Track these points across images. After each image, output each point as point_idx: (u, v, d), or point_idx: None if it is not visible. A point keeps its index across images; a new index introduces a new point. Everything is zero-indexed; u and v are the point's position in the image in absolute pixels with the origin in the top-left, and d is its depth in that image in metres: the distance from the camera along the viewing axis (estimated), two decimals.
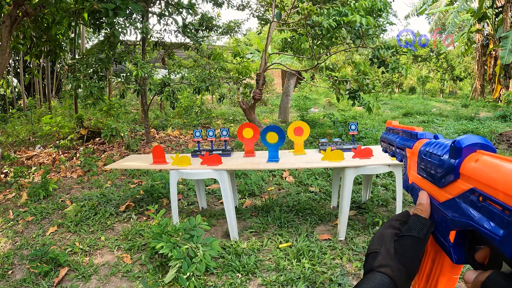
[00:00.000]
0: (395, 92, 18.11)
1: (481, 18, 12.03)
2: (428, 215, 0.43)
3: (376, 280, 0.40)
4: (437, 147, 0.42)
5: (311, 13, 4.86)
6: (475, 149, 0.35)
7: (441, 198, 0.39)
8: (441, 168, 0.39)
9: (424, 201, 0.44)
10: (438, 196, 0.40)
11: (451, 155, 0.37)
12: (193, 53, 8.57)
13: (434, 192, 0.42)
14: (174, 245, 2.13)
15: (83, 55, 5.63)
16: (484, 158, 0.33)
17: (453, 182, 0.36)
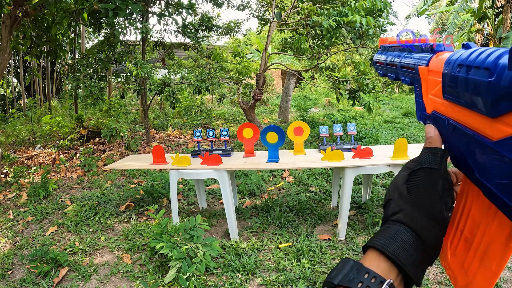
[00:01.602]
0: (395, 92, 18.11)
1: (481, 18, 12.04)
2: (439, 145, 0.37)
3: (390, 231, 0.33)
4: (479, 56, 0.30)
5: (311, 13, 4.86)
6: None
7: (496, 133, 0.27)
8: (494, 88, 0.26)
9: (432, 134, 0.38)
10: (488, 131, 0.28)
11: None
12: (193, 53, 8.57)
13: (480, 124, 0.29)
14: (174, 245, 2.13)
15: (83, 55, 5.63)
16: None
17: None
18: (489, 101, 0.27)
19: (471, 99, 0.30)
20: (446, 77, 0.34)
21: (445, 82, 0.35)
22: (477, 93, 0.28)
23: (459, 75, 0.32)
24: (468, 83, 0.30)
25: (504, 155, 0.26)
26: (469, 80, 0.30)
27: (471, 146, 0.31)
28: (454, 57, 0.34)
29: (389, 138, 6.15)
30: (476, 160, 0.30)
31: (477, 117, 0.29)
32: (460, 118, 0.33)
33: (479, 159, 0.29)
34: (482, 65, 0.28)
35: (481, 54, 0.29)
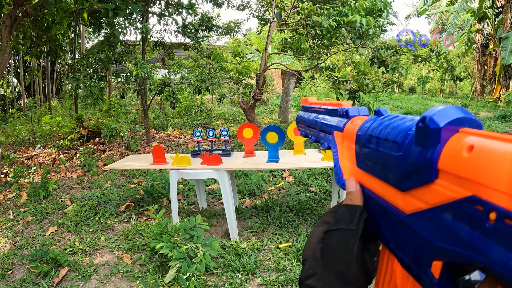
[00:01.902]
0: (395, 92, 18.11)
1: (481, 18, 12.04)
2: (360, 203, 0.34)
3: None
4: (388, 128, 0.28)
5: (311, 13, 4.86)
6: (457, 128, 0.22)
7: (407, 206, 0.26)
8: (402, 164, 0.25)
9: (352, 188, 0.35)
10: (399, 203, 0.27)
11: (420, 141, 0.24)
12: (193, 53, 8.57)
13: (392, 196, 0.28)
14: (174, 245, 2.13)
15: (83, 55, 5.63)
16: (484, 142, 0.20)
17: (428, 185, 0.23)
18: (398, 175, 0.26)
19: (382, 171, 0.29)
20: (358, 147, 0.34)
21: (357, 151, 0.34)
22: (386, 166, 0.28)
23: (369, 146, 0.31)
24: (378, 155, 0.29)
25: (415, 229, 0.25)
26: (378, 153, 0.29)
27: (385, 217, 0.30)
28: (365, 125, 0.33)
29: None
30: (390, 231, 0.29)
31: (389, 189, 0.28)
32: (373, 188, 0.32)
33: (393, 231, 0.28)
34: (391, 138, 0.27)
35: (391, 125, 0.28)
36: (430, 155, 0.23)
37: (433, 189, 0.22)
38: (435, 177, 0.22)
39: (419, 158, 0.23)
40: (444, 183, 0.22)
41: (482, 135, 0.20)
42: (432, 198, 0.23)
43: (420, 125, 0.23)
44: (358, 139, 0.34)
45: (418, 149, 0.24)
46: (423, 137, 0.23)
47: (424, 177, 0.23)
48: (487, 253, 0.18)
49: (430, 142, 0.23)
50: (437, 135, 0.22)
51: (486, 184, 0.18)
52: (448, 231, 0.21)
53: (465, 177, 0.20)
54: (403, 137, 0.26)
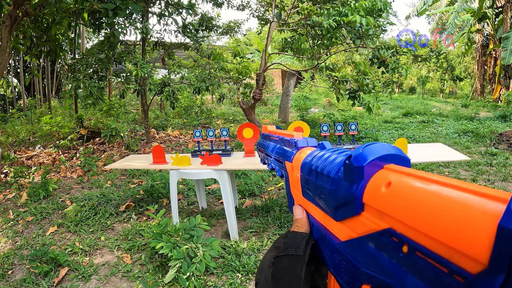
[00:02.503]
0: (395, 92, 18.11)
1: (481, 18, 12.04)
2: (307, 230, 0.36)
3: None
4: (325, 162, 0.31)
5: (311, 13, 4.86)
6: (382, 164, 0.24)
7: (341, 234, 0.28)
8: (334, 196, 0.28)
9: (299, 216, 0.38)
10: (336, 231, 0.29)
11: (347, 177, 0.26)
12: (193, 53, 8.57)
13: (329, 225, 0.30)
14: (174, 245, 2.13)
15: (83, 55, 5.63)
16: (401, 179, 0.21)
17: (356, 216, 0.25)
18: (331, 207, 0.28)
19: (320, 201, 0.31)
20: (302, 178, 0.36)
21: (302, 182, 0.37)
22: (323, 198, 0.30)
23: (309, 178, 0.33)
24: (316, 187, 0.32)
25: (347, 255, 0.27)
26: (317, 185, 0.31)
27: (325, 244, 0.32)
28: (308, 158, 0.36)
29: (389, 138, 6.16)
30: (329, 256, 0.31)
31: (327, 218, 0.30)
32: (315, 216, 0.34)
33: (331, 256, 0.30)
34: (326, 172, 0.29)
35: (327, 160, 0.31)
36: (354, 190, 0.25)
37: (360, 221, 0.24)
38: (360, 210, 0.24)
39: (346, 193, 0.26)
40: (368, 215, 0.24)
41: (401, 172, 0.22)
42: (359, 228, 0.25)
43: (346, 163, 0.26)
44: (302, 170, 0.36)
45: (346, 184, 0.26)
46: (349, 174, 0.25)
47: (351, 210, 0.25)
48: (402, 281, 0.19)
49: (355, 179, 0.25)
50: (360, 172, 0.24)
51: (399, 219, 0.20)
52: (372, 259, 0.23)
53: (383, 211, 0.21)
54: (335, 171, 0.28)
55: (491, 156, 4.75)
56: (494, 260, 0.14)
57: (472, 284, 0.15)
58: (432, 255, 0.17)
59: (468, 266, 0.15)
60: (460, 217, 0.16)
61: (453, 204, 0.17)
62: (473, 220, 0.15)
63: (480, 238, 0.15)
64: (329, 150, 0.34)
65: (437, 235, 0.17)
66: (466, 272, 0.15)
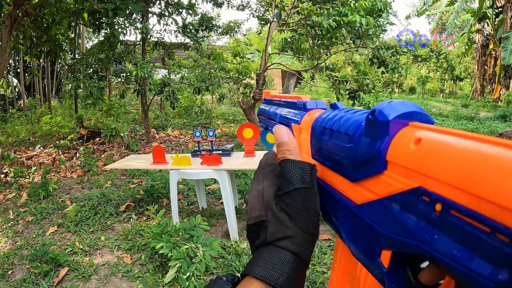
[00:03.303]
0: (395, 92, 18.11)
1: (481, 18, 12.04)
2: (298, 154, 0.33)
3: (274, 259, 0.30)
4: (341, 120, 0.29)
5: (311, 13, 4.86)
6: (407, 122, 0.23)
7: (358, 197, 0.26)
8: (353, 154, 0.26)
9: (286, 138, 0.33)
10: (351, 194, 0.27)
11: (369, 133, 0.24)
12: (193, 53, 8.57)
13: (343, 187, 0.29)
14: (174, 245, 2.13)
15: (83, 55, 5.63)
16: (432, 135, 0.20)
17: (377, 176, 0.23)
18: (349, 166, 0.27)
19: (334, 162, 0.29)
20: (313, 139, 0.34)
21: (312, 143, 0.35)
22: (339, 158, 0.28)
23: (323, 138, 0.32)
24: (330, 147, 0.30)
25: (365, 219, 0.25)
26: (331, 144, 0.30)
27: (337, 208, 0.30)
28: (320, 118, 0.34)
29: None
30: (342, 221, 0.29)
31: (341, 180, 0.29)
32: (327, 178, 0.32)
33: (344, 221, 0.29)
34: (343, 130, 0.28)
35: (343, 118, 0.29)
36: (378, 147, 0.23)
37: (382, 180, 0.23)
38: (383, 168, 0.23)
39: (368, 150, 0.24)
40: (392, 174, 0.22)
41: (430, 129, 0.21)
42: (381, 189, 0.23)
43: (370, 118, 0.24)
44: (313, 131, 0.34)
45: (367, 141, 0.24)
46: (373, 130, 0.23)
47: (372, 168, 0.24)
48: (433, 243, 0.18)
49: (379, 134, 0.23)
50: (385, 128, 0.23)
51: (432, 176, 0.18)
52: (396, 221, 0.21)
53: (412, 169, 0.20)
54: (354, 129, 0.26)
55: None
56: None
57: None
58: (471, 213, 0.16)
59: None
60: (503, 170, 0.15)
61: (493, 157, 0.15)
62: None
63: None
64: (343, 110, 0.32)
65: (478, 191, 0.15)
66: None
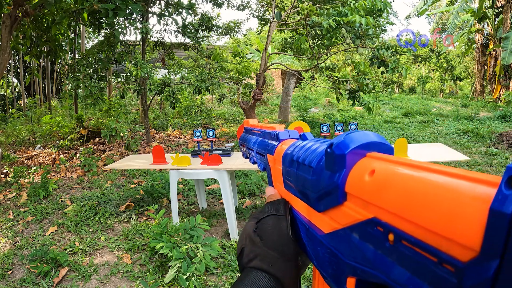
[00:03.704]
0: (395, 92, 18.11)
1: (481, 18, 12.04)
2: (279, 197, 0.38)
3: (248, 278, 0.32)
4: (306, 152, 0.30)
5: (311, 13, 4.86)
6: (364, 152, 0.23)
7: (324, 226, 0.27)
8: (315, 186, 0.27)
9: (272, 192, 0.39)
10: (319, 223, 0.28)
11: (329, 166, 0.25)
12: (193, 53, 8.57)
13: (312, 217, 0.29)
14: (174, 245, 2.13)
15: (83, 55, 5.63)
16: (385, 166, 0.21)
17: (338, 207, 0.24)
18: (314, 197, 0.27)
19: (302, 193, 0.30)
20: (283, 170, 0.36)
21: (283, 174, 0.36)
22: (305, 189, 0.29)
23: (291, 170, 0.33)
24: (298, 178, 0.31)
25: (330, 248, 0.26)
26: (298, 176, 0.30)
27: (308, 236, 0.31)
28: (290, 149, 0.35)
29: (389, 138, 6.16)
30: (312, 249, 0.30)
31: (310, 210, 0.29)
32: (298, 209, 0.33)
33: (315, 249, 0.29)
34: (307, 162, 0.29)
35: (309, 149, 0.30)
36: (337, 179, 0.24)
37: (343, 211, 0.24)
38: (343, 200, 0.24)
39: (328, 182, 0.25)
40: (351, 205, 0.23)
41: (385, 160, 0.21)
42: (343, 219, 0.24)
43: (328, 151, 0.25)
44: (283, 162, 0.35)
45: (327, 174, 0.25)
46: (331, 162, 0.24)
47: (333, 200, 0.24)
48: (389, 272, 0.18)
49: (336, 167, 0.24)
50: (342, 161, 0.23)
51: (384, 207, 0.19)
52: (357, 250, 0.22)
53: (367, 200, 0.21)
54: (316, 161, 0.27)
55: (491, 156, 4.75)
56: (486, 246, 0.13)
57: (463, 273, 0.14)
58: (420, 243, 0.16)
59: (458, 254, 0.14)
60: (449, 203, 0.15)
61: (441, 190, 0.16)
62: (462, 205, 0.15)
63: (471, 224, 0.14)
64: (311, 140, 0.33)
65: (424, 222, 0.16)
66: (456, 260, 0.14)
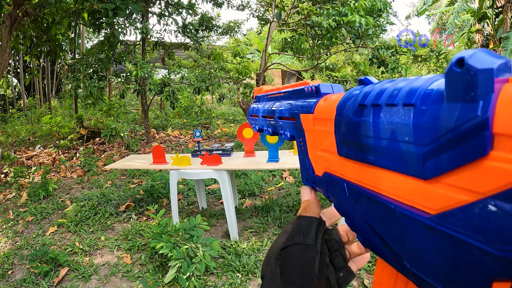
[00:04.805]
0: None
1: (481, 18, 12.04)
2: (316, 213, 0.31)
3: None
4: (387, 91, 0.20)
5: (311, 13, 4.86)
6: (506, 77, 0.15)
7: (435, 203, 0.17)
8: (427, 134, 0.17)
9: (307, 197, 0.32)
10: (421, 199, 0.18)
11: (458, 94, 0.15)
12: (193, 53, 8.57)
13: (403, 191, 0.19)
14: (174, 245, 2.13)
15: (83, 55, 5.63)
16: None
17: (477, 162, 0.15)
18: (420, 155, 0.18)
19: (387, 153, 0.20)
20: (342, 125, 0.25)
21: (341, 132, 0.25)
22: (397, 144, 0.19)
23: (362, 120, 0.22)
24: (379, 129, 0.21)
25: (455, 235, 0.16)
26: (380, 126, 0.20)
27: (392, 224, 0.21)
28: (351, 94, 0.25)
29: None
30: (402, 243, 0.20)
31: (399, 179, 0.19)
32: (368, 182, 0.23)
33: (409, 241, 0.19)
34: (398, 101, 0.19)
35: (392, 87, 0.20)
36: (481, 112, 0.14)
37: (486, 168, 0.14)
38: (489, 148, 0.14)
39: (460, 120, 0.15)
40: (507, 155, 0.14)
41: None
42: (485, 182, 0.14)
43: (456, 71, 0.15)
44: (341, 114, 0.25)
45: (456, 107, 0.15)
46: (466, 87, 0.15)
47: (471, 150, 0.15)
48: None
49: (479, 92, 0.15)
50: (489, 80, 0.14)
51: None
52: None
53: None
54: (423, 95, 0.18)
55: None
56: None
57: None
58: None
59: None
60: None
61: None
62: None
63: None
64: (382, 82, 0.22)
65: None
66: None
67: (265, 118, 0.42)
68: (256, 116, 0.45)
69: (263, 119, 0.43)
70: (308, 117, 0.31)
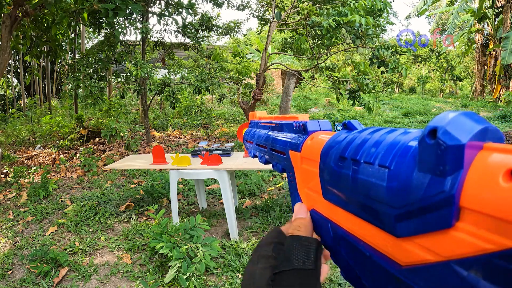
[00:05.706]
0: (395, 92, 18.11)
1: (481, 18, 12.04)
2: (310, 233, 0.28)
3: None
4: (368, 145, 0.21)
5: (311, 13, 4.86)
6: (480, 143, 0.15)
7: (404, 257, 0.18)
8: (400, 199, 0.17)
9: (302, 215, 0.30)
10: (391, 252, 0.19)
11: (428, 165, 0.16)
12: (193, 53, 8.57)
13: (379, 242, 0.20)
14: (174, 245, 2.13)
15: (83, 55, 5.63)
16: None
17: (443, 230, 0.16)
18: (392, 216, 0.18)
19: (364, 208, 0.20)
20: (325, 173, 0.25)
21: (324, 179, 0.25)
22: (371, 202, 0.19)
23: (342, 172, 0.22)
24: (356, 185, 0.21)
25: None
26: (357, 182, 0.21)
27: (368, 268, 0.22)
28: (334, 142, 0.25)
29: None
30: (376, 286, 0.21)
31: (375, 231, 0.20)
32: (350, 227, 0.23)
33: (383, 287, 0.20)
34: (375, 160, 0.19)
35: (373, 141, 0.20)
36: (448, 188, 0.15)
37: (451, 236, 0.15)
38: (455, 220, 0.15)
39: (429, 191, 0.16)
40: (469, 227, 0.15)
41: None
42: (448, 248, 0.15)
43: (428, 142, 0.16)
44: (325, 161, 0.25)
45: (426, 178, 0.16)
46: (435, 160, 0.15)
47: (438, 220, 0.16)
48: None
49: (448, 167, 0.15)
50: (458, 157, 0.15)
51: None
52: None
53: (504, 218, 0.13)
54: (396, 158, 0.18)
55: None
56: None
57: None
58: None
59: None
60: None
61: None
62: None
63: None
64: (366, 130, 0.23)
65: None
66: None
67: (259, 146, 0.42)
68: (251, 142, 0.46)
69: (258, 148, 0.43)
70: (296, 154, 0.31)
